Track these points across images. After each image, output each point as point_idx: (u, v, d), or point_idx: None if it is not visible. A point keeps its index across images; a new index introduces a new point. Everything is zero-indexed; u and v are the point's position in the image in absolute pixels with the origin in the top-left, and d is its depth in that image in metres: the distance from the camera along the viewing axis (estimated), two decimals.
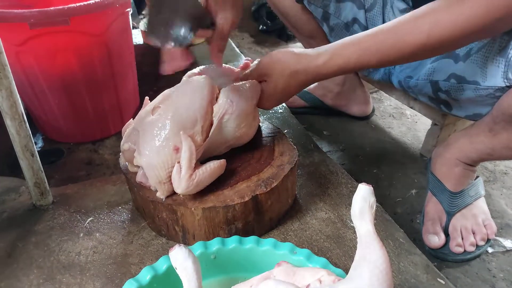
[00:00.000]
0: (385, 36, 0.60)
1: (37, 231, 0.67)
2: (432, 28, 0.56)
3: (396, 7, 0.83)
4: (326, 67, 0.64)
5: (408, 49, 0.58)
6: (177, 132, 0.59)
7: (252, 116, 0.70)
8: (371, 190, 0.44)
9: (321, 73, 0.65)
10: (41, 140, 1.04)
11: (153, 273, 0.50)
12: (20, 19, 0.79)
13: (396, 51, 0.59)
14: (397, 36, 0.59)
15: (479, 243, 0.79)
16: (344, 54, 0.62)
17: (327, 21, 0.91)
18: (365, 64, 0.62)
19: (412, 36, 0.57)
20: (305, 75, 0.65)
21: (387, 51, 0.60)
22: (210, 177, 0.61)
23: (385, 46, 0.60)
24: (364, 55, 0.61)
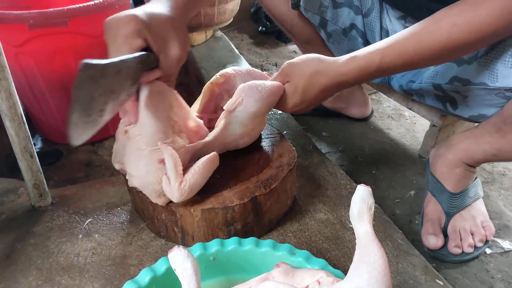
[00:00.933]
0: (406, 40, 0.61)
1: (36, 232, 0.67)
2: (450, 31, 0.57)
3: (392, 15, 0.84)
4: (348, 67, 0.64)
5: (429, 52, 0.60)
6: (154, 144, 0.57)
7: (259, 120, 0.69)
8: (369, 191, 0.44)
9: (341, 72, 0.64)
10: (40, 141, 1.04)
11: (152, 275, 0.50)
12: (19, 20, 0.80)
13: (418, 54, 0.60)
14: (418, 40, 0.60)
15: (478, 244, 0.79)
16: (366, 55, 0.63)
17: (325, 28, 0.91)
18: (388, 67, 0.62)
19: (432, 39, 0.59)
20: (326, 76, 0.65)
21: (409, 54, 0.61)
22: (203, 176, 0.60)
23: (407, 49, 0.61)
24: (387, 57, 0.62)
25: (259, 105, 0.65)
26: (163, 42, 0.56)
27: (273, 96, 0.67)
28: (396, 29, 0.84)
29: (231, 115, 0.64)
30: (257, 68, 1.64)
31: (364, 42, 0.90)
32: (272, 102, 0.67)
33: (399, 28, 0.83)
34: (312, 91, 0.67)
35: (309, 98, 0.68)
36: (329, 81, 0.65)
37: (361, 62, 0.63)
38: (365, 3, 0.86)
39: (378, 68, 0.62)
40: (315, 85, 0.66)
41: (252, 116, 0.66)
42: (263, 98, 0.65)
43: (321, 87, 0.66)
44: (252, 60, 1.70)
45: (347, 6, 0.87)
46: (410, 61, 0.62)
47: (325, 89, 0.67)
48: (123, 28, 0.53)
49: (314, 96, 0.67)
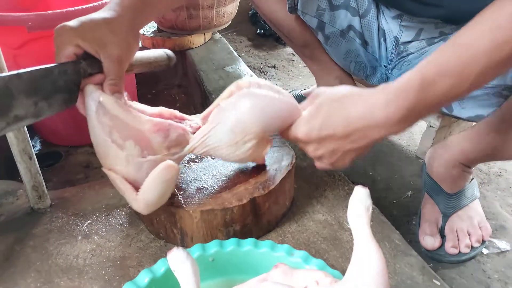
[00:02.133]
0: (447, 55, 0.51)
1: (35, 234, 0.67)
2: (492, 30, 0.48)
3: (387, 15, 0.84)
4: (382, 94, 0.52)
5: (478, 63, 0.49)
6: (104, 165, 0.57)
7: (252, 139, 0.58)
8: (367, 193, 0.45)
9: (375, 102, 0.52)
10: (39, 143, 1.04)
11: (151, 276, 0.50)
12: (18, 23, 0.80)
13: (466, 69, 0.49)
14: (459, 53, 0.50)
15: (474, 245, 0.80)
16: (404, 76, 0.52)
17: (322, 30, 0.91)
18: (432, 85, 0.50)
19: (475, 46, 0.49)
20: (358, 103, 0.53)
21: (453, 70, 0.50)
22: (157, 188, 0.55)
23: (448, 63, 0.50)
24: (428, 74, 0.50)
25: (254, 115, 0.56)
26: (100, 45, 0.55)
27: (276, 111, 0.57)
28: (392, 29, 0.84)
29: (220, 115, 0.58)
30: (255, 70, 1.65)
31: (362, 43, 0.90)
32: (274, 119, 0.57)
33: (396, 27, 0.83)
34: (337, 117, 0.54)
35: (330, 126, 0.54)
36: (360, 111, 0.52)
37: (399, 84, 0.51)
38: (362, 4, 0.86)
39: (420, 91, 0.50)
40: (342, 111, 0.54)
41: (243, 126, 0.56)
42: (262, 108, 0.56)
43: (349, 116, 0.53)
44: (251, 62, 1.71)
45: (344, 8, 0.88)
46: (459, 76, 0.49)
47: (355, 122, 0.53)
48: (57, 39, 0.56)
49: (338, 125, 0.54)
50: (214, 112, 0.58)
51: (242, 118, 0.56)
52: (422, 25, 0.79)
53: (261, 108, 0.56)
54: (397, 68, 0.88)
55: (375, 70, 0.95)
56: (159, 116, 0.61)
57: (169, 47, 1.41)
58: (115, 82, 0.57)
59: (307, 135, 0.56)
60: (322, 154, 0.57)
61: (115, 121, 0.55)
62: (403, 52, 0.84)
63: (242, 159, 0.60)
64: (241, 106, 0.56)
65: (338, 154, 0.56)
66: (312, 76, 1.11)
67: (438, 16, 0.75)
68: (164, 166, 0.54)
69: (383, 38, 0.87)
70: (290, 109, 0.58)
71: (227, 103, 0.57)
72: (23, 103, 0.52)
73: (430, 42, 0.79)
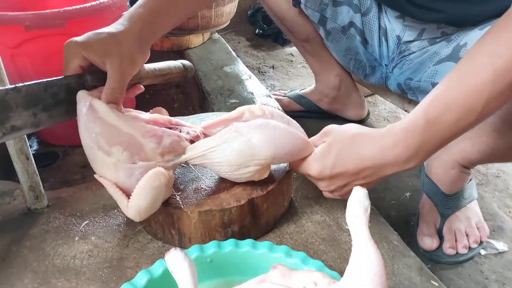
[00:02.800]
0: (448, 88, 0.51)
1: (32, 235, 0.66)
2: (493, 61, 0.48)
3: (390, 14, 0.84)
4: (389, 135, 0.53)
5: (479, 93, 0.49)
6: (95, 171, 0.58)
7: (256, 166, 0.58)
8: (365, 193, 0.45)
9: (383, 143, 0.53)
10: (36, 143, 1.03)
11: (149, 277, 0.50)
12: (15, 22, 0.79)
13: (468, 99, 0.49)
14: (460, 84, 0.50)
15: (472, 246, 0.80)
16: (409, 116, 0.54)
17: (324, 25, 0.92)
18: (437, 123, 0.51)
19: (475, 77, 0.49)
20: (369, 143, 0.55)
21: (456, 102, 0.50)
22: (146, 199, 0.54)
23: (452, 96, 0.50)
24: (432, 111, 0.51)
25: (267, 145, 0.56)
26: (104, 55, 0.58)
27: (289, 145, 0.57)
28: (395, 28, 0.84)
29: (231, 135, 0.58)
30: (254, 70, 1.64)
31: (362, 41, 0.91)
32: (285, 153, 0.58)
33: (398, 27, 0.84)
34: (349, 157, 0.55)
35: (342, 166, 0.56)
36: (372, 151, 0.54)
37: (404, 124, 0.53)
38: (364, 2, 0.87)
39: (426, 129, 0.51)
40: (353, 151, 0.55)
41: (253, 153, 0.57)
42: (276, 140, 0.57)
43: (361, 157, 0.55)
44: (249, 63, 1.71)
45: (346, 4, 0.88)
46: (465, 109, 0.50)
47: (366, 162, 0.55)
48: (64, 53, 0.59)
49: (349, 165, 0.55)
50: (226, 130, 0.59)
51: (253, 146, 0.57)
52: (425, 25, 0.79)
53: (275, 140, 0.57)
54: (398, 67, 0.88)
55: (374, 70, 0.95)
56: (154, 122, 0.61)
57: (167, 47, 1.41)
58: (113, 92, 0.58)
59: (320, 173, 0.58)
60: (334, 189, 0.60)
61: (103, 126, 0.55)
62: (405, 51, 0.85)
63: (237, 178, 0.61)
64: (256, 134, 0.57)
65: (349, 188, 0.58)
66: (311, 76, 1.12)
67: (439, 20, 0.75)
68: (153, 173, 0.54)
69: (384, 37, 0.87)
70: (303, 145, 0.59)
71: (241, 127, 0.58)
72: (21, 115, 0.54)
73: (432, 42, 0.79)
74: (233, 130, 0.58)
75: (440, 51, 0.78)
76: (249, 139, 0.57)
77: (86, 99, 0.56)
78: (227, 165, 0.58)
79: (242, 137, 0.57)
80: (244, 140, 0.57)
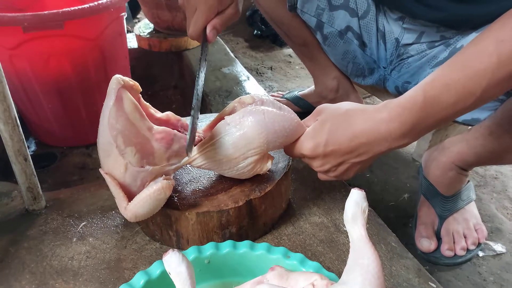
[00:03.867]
0: (451, 69, 0.51)
1: (30, 236, 0.66)
2: (498, 47, 0.48)
3: (389, 17, 0.84)
4: (387, 108, 0.53)
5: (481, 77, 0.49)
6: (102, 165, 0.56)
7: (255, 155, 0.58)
8: (363, 195, 0.45)
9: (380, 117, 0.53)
10: (34, 144, 1.03)
11: (146, 278, 0.50)
12: (13, 23, 0.79)
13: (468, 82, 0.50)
14: (463, 66, 0.50)
15: (470, 247, 0.80)
16: (408, 92, 0.53)
17: (321, 30, 0.92)
18: (435, 103, 0.51)
19: (479, 61, 0.49)
20: (362, 118, 0.54)
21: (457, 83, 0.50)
22: (146, 207, 0.55)
23: (453, 78, 0.50)
24: (431, 90, 0.51)
25: (259, 131, 0.56)
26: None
27: (280, 127, 0.57)
28: (394, 30, 0.84)
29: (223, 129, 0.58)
30: (252, 71, 1.65)
31: (360, 45, 0.91)
32: (278, 135, 0.57)
33: (397, 29, 0.84)
34: (341, 132, 0.55)
35: (336, 142, 0.55)
36: (365, 125, 0.53)
37: (402, 100, 0.52)
38: (361, 5, 0.87)
39: (424, 107, 0.51)
40: (346, 126, 0.54)
41: (246, 142, 0.57)
42: (266, 124, 0.56)
43: (354, 131, 0.54)
44: (247, 64, 1.71)
45: (343, 8, 0.88)
46: (464, 92, 0.50)
47: (359, 136, 0.54)
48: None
49: (343, 140, 0.55)
50: (218, 126, 0.59)
51: (245, 134, 0.57)
52: (424, 28, 0.79)
53: (265, 124, 0.57)
54: (396, 70, 0.88)
55: (372, 72, 0.95)
56: (166, 121, 0.61)
57: (165, 48, 1.41)
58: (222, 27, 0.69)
59: (313, 151, 0.57)
60: (328, 169, 0.58)
61: (125, 124, 0.54)
62: (403, 54, 0.84)
63: (241, 174, 0.61)
64: (246, 122, 0.57)
65: (344, 168, 0.58)
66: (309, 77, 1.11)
67: (439, 19, 0.75)
68: (160, 187, 0.54)
69: (382, 40, 0.87)
70: (294, 126, 0.58)
71: (231, 118, 0.58)
72: None
73: (430, 46, 0.79)
74: (224, 124, 0.58)
75: (439, 55, 0.78)
76: (240, 129, 0.56)
77: (116, 86, 0.54)
78: (226, 160, 0.59)
79: (233, 129, 0.57)
80: (236, 131, 0.57)
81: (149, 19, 1.45)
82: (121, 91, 0.54)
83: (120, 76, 0.55)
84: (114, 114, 0.53)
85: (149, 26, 1.48)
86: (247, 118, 0.57)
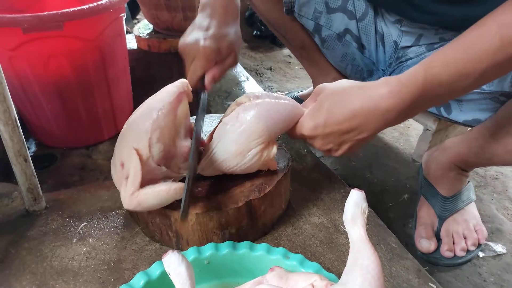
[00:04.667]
0: (453, 49, 0.51)
1: (30, 236, 0.66)
2: (500, 31, 0.48)
3: (387, 19, 0.84)
4: (386, 85, 0.53)
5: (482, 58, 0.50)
6: (124, 146, 0.56)
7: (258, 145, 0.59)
8: (363, 196, 0.45)
9: (379, 92, 0.52)
10: (34, 145, 1.03)
11: (146, 279, 0.50)
12: (13, 24, 0.79)
13: (469, 63, 0.50)
14: (466, 47, 0.51)
15: (470, 248, 0.80)
16: (409, 70, 0.53)
17: (319, 33, 0.91)
18: (436, 82, 0.51)
19: (481, 43, 0.49)
20: (360, 96, 0.54)
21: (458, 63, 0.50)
22: (156, 200, 0.54)
23: (455, 58, 0.51)
24: (433, 68, 0.51)
25: (258, 122, 0.57)
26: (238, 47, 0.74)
27: (278, 114, 0.58)
28: (392, 33, 0.84)
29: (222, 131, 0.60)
30: (252, 72, 1.65)
31: (359, 47, 0.91)
32: (277, 122, 0.58)
33: (395, 31, 0.83)
34: (341, 111, 0.54)
35: (335, 121, 0.55)
36: (363, 102, 0.53)
37: (402, 77, 0.52)
38: (359, 8, 0.86)
39: (424, 84, 0.51)
40: (344, 104, 0.54)
41: (247, 135, 0.58)
42: (264, 114, 0.58)
43: (352, 108, 0.54)
44: (247, 64, 1.71)
45: (341, 11, 0.88)
46: (463, 72, 0.50)
47: (357, 114, 0.53)
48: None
49: (341, 119, 0.54)
50: (217, 130, 0.61)
51: (244, 128, 0.58)
52: (422, 31, 0.79)
53: (263, 114, 0.58)
54: (395, 72, 0.87)
55: (371, 74, 0.95)
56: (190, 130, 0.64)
57: (165, 48, 1.41)
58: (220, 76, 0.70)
59: (313, 130, 0.58)
60: (331, 148, 0.59)
61: (169, 124, 0.56)
62: (402, 57, 0.84)
63: (252, 166, 0.61)
64: (242, 118, 0.58)
65: (346, 146, 0.58)
66: (308, 78, 1.11)
67: (436, 23, 0.75)
68: (178, 188, 0.55)
69: (381, 42, 0.87)
70: (292, 110, 0.59)
71: (228, 119, 0.60)
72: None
73: (429, 48, 0.79)
74: (223, 125, 0.60)
75: None
76: (238, 127, 0.58)
77: (180, 89, 0.58)
78: (232, 157, 0.59)
79: (231, 126, 0.59)
80: (235, 129, 0.58)
81: (149, 19, 1.45)
82: (183, 95, 0.58)
83: (187, 81, 0.61)
84: (167, 111, 0.56)
85: (148, 27, 1.48)
86: (242, 115, 0.59)
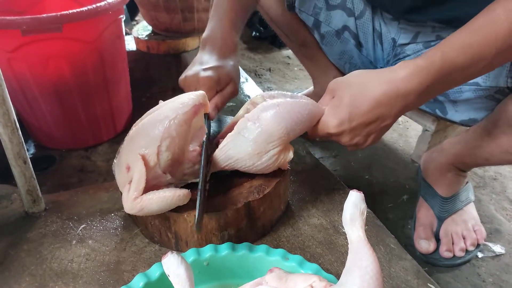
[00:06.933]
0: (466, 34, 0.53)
1: (29, 238, 0.66)
2: (509, 15, 0.50)
3: (385, 17, 0.85)
4: (404, 70, 0.53)
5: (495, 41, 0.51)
6: (131, 150, 0.56)
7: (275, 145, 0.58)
8: (362, 197, 0.45)
9: (398, 77, 0.53)
10: (33, 147, 1.03)
11: (146, 280, 0.50)
12: (12, 26, 0.79)
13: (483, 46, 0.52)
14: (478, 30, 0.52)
15: (469, 248, 0.80)
16: (426, 53, 0.54)
17: (318, 29, 0.92)
18: (452, 65, 0.52)
19: (493, 26, 0.51)
20: (379, 83, 0.54)
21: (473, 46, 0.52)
22: (159, 206, 0.54)
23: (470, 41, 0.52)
24: (450, 52, 0.52)
25: (278, 123, 0.57)
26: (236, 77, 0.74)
27: (297, 114, 0.57)
28: (390, 30, 0.85)
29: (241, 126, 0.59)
30: (251, 73, 1.65)
31: (356, 45, 0.91)
32: (297, 122, 0.58)
33: (394, 29, 0.84)
34: (364, 102, 0.55)
35: (360, 113, 0.55)
36: (384, 88, 0.54)
37: (420, 61, 0.53)
38: (358, 5, 0.87)
39: (441, 67, 0.52)
40: (366, 94, 0.54)
41: (267, 136, 0.57)
42: (284, 115, 0.57)
43: (375, 96, 0.54)
44: (246, 65, 1.71)
45: (340, 8, 0.88)
46: (477, 56, 0.52)
47: (381, 101, 0.54)
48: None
49: (366, 110, 0.55)
50: (239, 122, 0.60)
51: (265, 129, 0.57)
52: (420, 28, 0.79)
53: (282, 115, 0.58)
54: None
55: None
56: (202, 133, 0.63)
57: (163, 50, 1.41)
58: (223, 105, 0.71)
59: (338, 127, 0.58)
60: (357, 141, 0.59)
61: (181, 135, 0.56)
62: (400, 54, 0.85)
63: (267, 168, 0.61)
64: (264, 117, 0.58)
65: (372, 137, 0.59)
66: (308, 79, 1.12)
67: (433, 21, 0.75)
68: (183, 196, 0.55)
69: (379, 40, 0.88)
70: (312, 109, 0.59)
71: (250, 115, 0.59)
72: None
73: (427, 45, 0.80)
74: (244, 121, 0.59)
75: None
76: (259, 126, 0.58)
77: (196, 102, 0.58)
78: (248, 158, 0.59)
79: (252, 125, 0.58)
80: (255, 128, 0.58)
81: (147, 21, 1.46)
82: (200, 108, 0.58)
83: (204, 93, 0.61)
84: (179, 121, 0.56)
85: (147, 28, 1.48)
86: (264, 113, 0.58)
